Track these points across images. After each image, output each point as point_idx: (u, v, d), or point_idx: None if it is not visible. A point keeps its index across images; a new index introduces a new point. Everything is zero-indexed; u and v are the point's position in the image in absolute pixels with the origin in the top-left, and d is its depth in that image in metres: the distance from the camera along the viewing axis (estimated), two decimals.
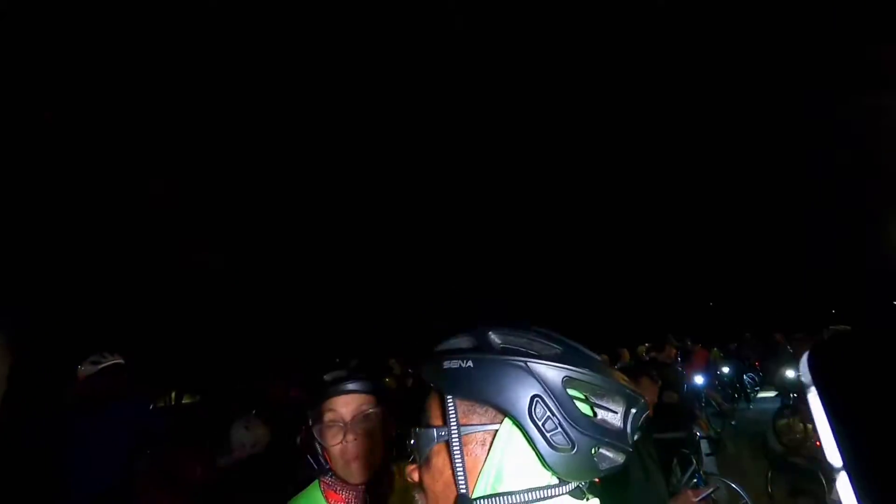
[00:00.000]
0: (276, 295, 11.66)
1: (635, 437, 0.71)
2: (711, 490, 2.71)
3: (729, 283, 18.10)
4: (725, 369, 11.82)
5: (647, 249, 16.30)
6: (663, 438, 4.29)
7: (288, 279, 11.84)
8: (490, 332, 0.73)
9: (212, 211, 9.90)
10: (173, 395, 11.62)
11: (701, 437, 5.14)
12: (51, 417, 3.38)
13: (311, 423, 1.38)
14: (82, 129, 7.29)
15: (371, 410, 1.37)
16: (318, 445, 1.37)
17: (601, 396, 0.69)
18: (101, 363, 3.39)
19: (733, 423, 9.44)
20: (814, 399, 1.33)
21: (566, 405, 0.67)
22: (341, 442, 1.32)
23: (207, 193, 9.93)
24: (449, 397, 0.72)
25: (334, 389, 1.35)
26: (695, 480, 4.40)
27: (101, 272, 8.77)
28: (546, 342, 0.71)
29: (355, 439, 1.33)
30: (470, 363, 0.71)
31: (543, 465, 0.68)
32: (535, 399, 0.66)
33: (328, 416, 1.34)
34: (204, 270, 10.18)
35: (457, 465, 0.69)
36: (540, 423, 0.66)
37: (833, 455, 1.30)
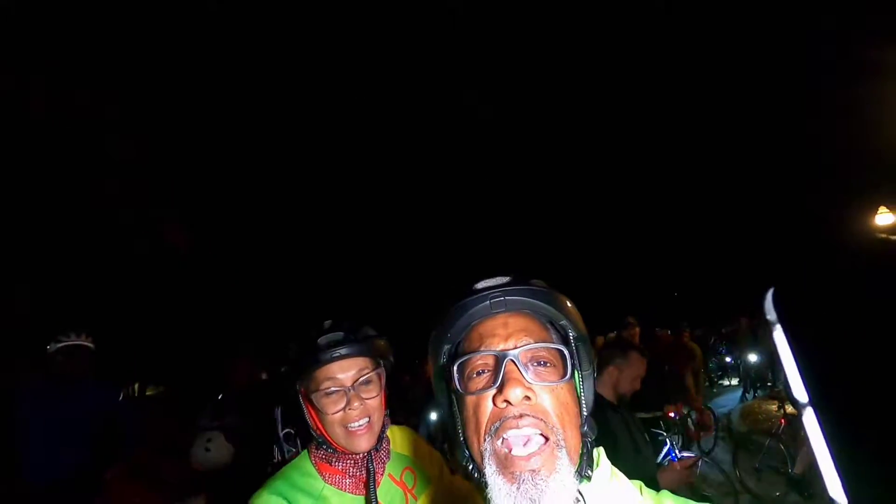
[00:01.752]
0: (235, 277, 11.35)
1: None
2: (697, 459, 2.77)
3: (693, 274, 18.70)
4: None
5: (616, 242, 16.64)
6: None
7: (247, 261, 11.51)
8: None
9: (170, 195, 9.51)
10: (136, 386, 11.21)
11: (674, 418, 5.28)
12: (7, 395, 3.22)
13: (301, 392, 1.28)
14: (43, 105, 6.89)
15: (372, 374, 1.28)
16: (309, 416, 1.28)
17: None
18: (62, 341, 3.22)
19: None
20: (779, 336, 1.35)
21: None
22: (343, 409, 1.22)
23: (164, 180, 9.55)
24: (574, 333, 0.84)
25: (330, 355, 1.23)
26: (669, 458, 4.51)
27: (59, 262, 8.38)
28: None
29: (360, 405, 1.24)
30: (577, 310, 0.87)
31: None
32: None
33: (326, 384, 1.23)
34: (160, 258, 9.84)
35: (581, 388, 0.84)
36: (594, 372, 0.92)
37: (799, 391, 1.32)
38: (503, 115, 10.42)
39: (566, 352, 0.79)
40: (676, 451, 4.46)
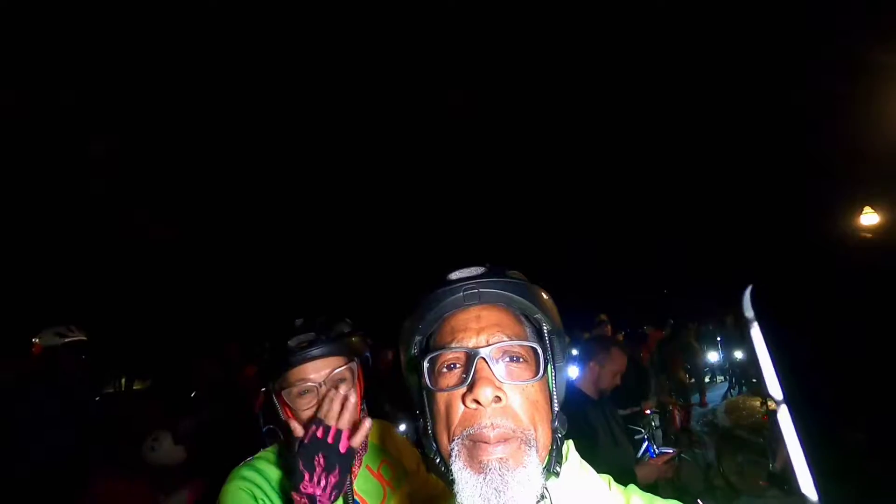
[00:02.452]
0: (223, 269, 11.28)
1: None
2: (675, 454, 2.83)
3: (682, 272, 18.85)
4: None
5: (604, 238, 16.69)
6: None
7: (235, 252, 11.43)
8: None
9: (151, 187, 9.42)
10: (123, 381, 11.11)
11: (652, 413, 5.34)
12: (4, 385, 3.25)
13: (275, 391, 1.27)
14: (31, 100, 6.81)
15: (345, 372, 1.28)
16: (284, 414, 1.27)
17: None
18: (66, 337, 3.28)
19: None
20: (756, 334, 1.40)
21: None
22: (316, 408, 1.21)
23: (152, 175, 9.47)
24: (548, 327, 0.82)
25: (302, 356, 1.24)
26: (648, 454, 4.56)
27: (45, 256, 8.31)
28: None
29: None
30: (552, 301, 0.84)
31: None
32: None
33: (298, 386, 1.23)
34: (147, 252, 9.78)
35: (553, 384, 0.80)
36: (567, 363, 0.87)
37: (774, 388, 1.37)
38: (490, 107, 10.35)
39: (539, 349, 0.76)
40: (655, 448, 4.52)
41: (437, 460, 0.78)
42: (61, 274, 8.52)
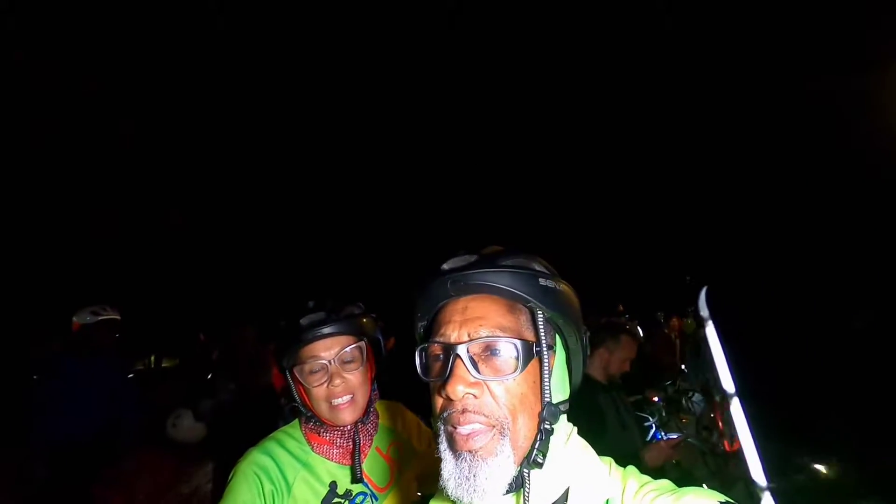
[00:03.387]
0: (250, 252, 11.51)
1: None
2: (682, 438, 2.87)
3: (705, 260, 18.48)
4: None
5: (626, 230, 16.45)
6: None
7: (264, 236, 11.64)
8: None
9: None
10: (152, 358, 11.45)
11: (659, 402, 5.32)
12: (40, 359, 3.45)
13: (288, 368, 1.34)
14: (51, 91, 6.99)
15: (354, 351, 1.33)
16: (297, 391, 1.34)
17: None
18: (101, 315, 3.44)
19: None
20: (710, 332, 1.44)
21: None
22: (326, 386, 1.29)
23: (187, 158, 9.66)
24: (542, 314, 0.78)
25: (313, 334, 1.29)
26: (657, 439, 4.58)
27: (80, 235, 8.63)
28: None
29: (341, 382, 1.29)
30: (561, 286, 0.80)
31: (569, 384, 0.83)
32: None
33: (309, 362, 1.29)
34: (176, 233, 10.02)
35: (545, 376, 0.76)
36: (586, 348, 0.85)
37: (727, 382, 1.42)
38: (497, 95, 10.20)
39: (519, 344, 0.74)
40: (662, 434, 4.55)
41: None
42: (99, 259, 8.86)
